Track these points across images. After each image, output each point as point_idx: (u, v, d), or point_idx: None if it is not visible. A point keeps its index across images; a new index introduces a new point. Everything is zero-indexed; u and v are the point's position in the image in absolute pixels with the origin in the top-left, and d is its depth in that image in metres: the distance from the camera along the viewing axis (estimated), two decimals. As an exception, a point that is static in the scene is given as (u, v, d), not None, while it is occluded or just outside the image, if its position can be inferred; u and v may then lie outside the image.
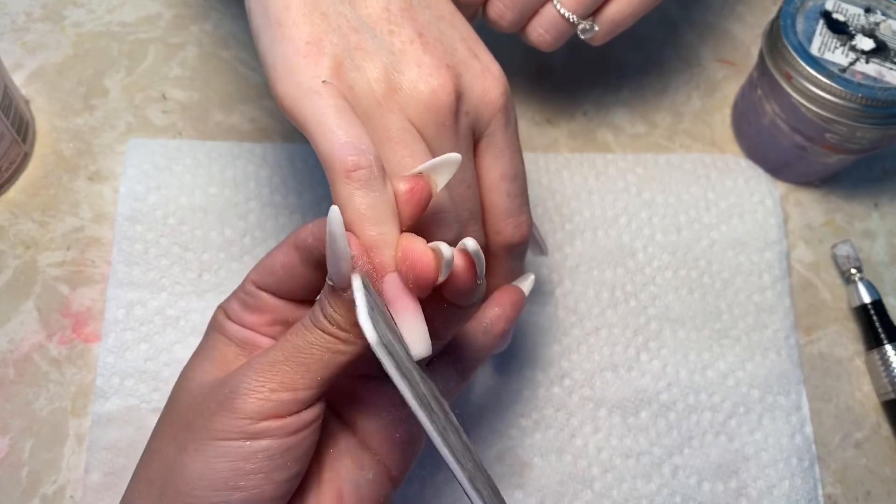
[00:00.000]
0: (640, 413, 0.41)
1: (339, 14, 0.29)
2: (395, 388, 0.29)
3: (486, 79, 0.31)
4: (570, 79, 0.50)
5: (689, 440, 0.41)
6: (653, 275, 0.44)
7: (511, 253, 0.34)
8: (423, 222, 0.28)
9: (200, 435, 0.26)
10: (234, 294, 0.30)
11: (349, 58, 0.28)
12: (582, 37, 0.39)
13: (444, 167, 0.27)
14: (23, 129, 0.43)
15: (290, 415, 0.26)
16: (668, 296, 0.44)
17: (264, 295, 0.29)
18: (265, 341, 0.29)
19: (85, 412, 0.39)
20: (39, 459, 0.38)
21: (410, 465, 0.30)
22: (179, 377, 0.29)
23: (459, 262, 0.26)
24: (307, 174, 0.45)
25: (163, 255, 0.41)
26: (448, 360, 0.32)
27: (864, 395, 0.43)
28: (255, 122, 0.47)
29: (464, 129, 0.30)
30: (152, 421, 0.38)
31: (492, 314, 0.32)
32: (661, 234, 0.45)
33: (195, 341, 0.40)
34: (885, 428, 0.43)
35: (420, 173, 0.27)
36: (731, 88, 0.51)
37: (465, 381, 0.32)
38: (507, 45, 0.42)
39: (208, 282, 0.41)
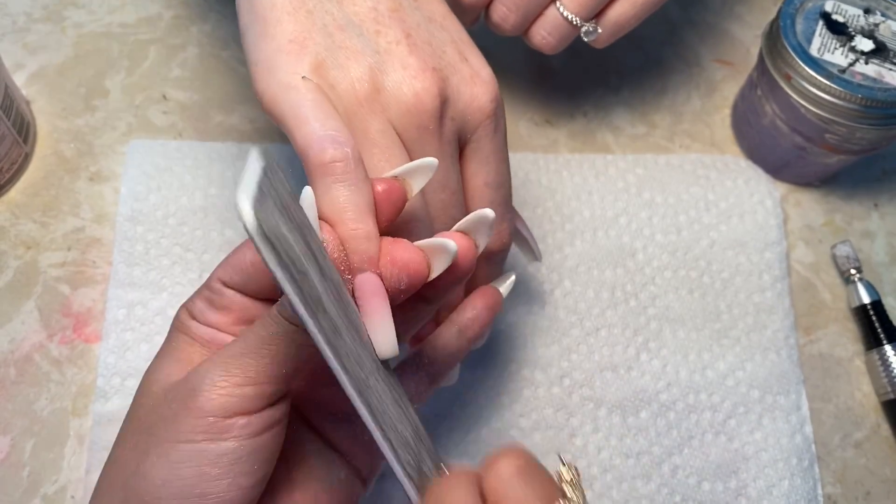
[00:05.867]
0: (639, 413, 0.41)
1: (326, 12, 0.29)
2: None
3: (475, 84, 0.30)
4: (569, 79, 0.50)
5: (689, 440, 0.41)
6: (653, 275, 0.44)
7: (490, 260, 0.33)
8: (393, 228, 0.28)
9: (163, 438, 0.25)
10: (199, 293, 0.29)
11: (332, 56, 0.28)
12: (585, 39, 0.39)
13: (421, 171, 0.27)
14: (24, 130, 0.43)
15: (255, 412, 0.25)
16: (668, 296, 0.44)
17: (230, 293, 0.28)
18: (229, 339, 0.28)
19: (86, 412, 0.39)
20: (40, 459, 0.38)
21: (380, 466, 0.30)
22: (142, 381, 0.28)
23: (460, 252, 0.26)
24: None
25: (164, 256, 0.41)
26: (420, 362, 0.31)
27: (864, 395, 0.43)
28: (255, 122, 0.47)
29: (448, 135, 0.30)
30: (153, 421, 0.38)
31: (466, 317, 0.32)
32: (660, 234, 0.45)
33: (196, 341, 0.40)
34: (885, 428, 0.43)
35: (395, 176, 0.27)
36: (730, 89, 0.51)
37: (436, 384, 0.32)
38: (507, 45, 0.42)
39: (209, 282, 0.41)
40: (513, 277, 0.35)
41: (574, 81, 0.50)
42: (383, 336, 0.25)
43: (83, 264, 0.42)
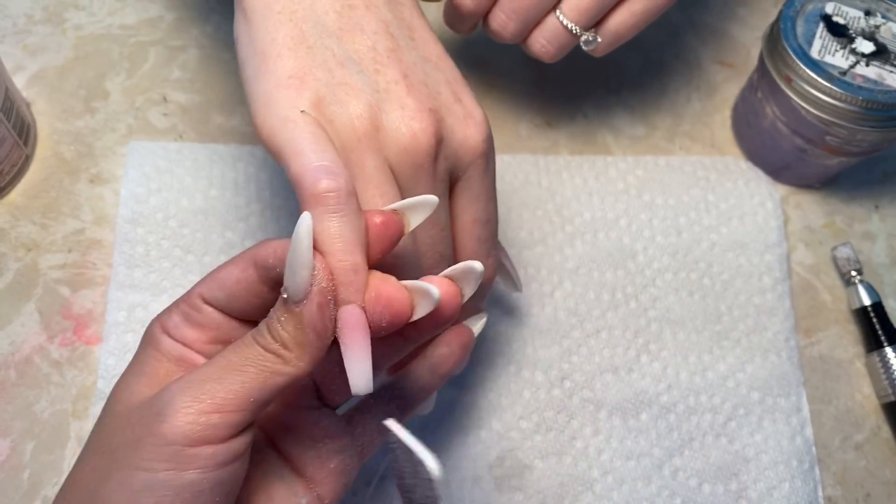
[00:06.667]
0: (640, 415, 0.41)
1: (326, 48, 0.29)
2: (331, 420, 0.29)
3: (468, 125, 0.30)
4: (570, 81, 0.50)
5: (690, 442, 0.41)
6: (653, 277, 0.44)
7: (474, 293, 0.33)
8: (381, 263, 0.28)
9: (124, 464, 0.24)
10: (175, 307, 0.28)
11: (332, 92, 0.28)
12: (585, 48, 0.39)
13: (420, 208, 0.27)
14: (24, 132, 0.43)
15: (220, 441, 0.24)
16: (669, 298, 0.44)
17: (210, 310, 0.28)
18: (199, 359, 0.28)
19: (86, 414, 0.39)
20: (41, 462, 0.38)
21: (344, 493, 0.30)
22: (108, 398, 0.27)
23: (445, 299, 0.26)
24: (308, 176, 0.45)
25: (164, 258, 0.41)
26: (390, 395, 0.31)
27: (865, 397, 0.43)
28: (255, 124, 0.47)
29: (441, 173, 0.30)
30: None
31: (439, 354, 0.32)
32: (661, 236, 0.45)
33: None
34: (885, 430, 0.43)
35: (395, 210, 0.27)
36: (731, 90, 0.51)
37: (406, 415, 0.32)
38: (507, 47, 0.42)
39: (209, 284, 0.41)
40: (485, 318, 0.35)
41: (574, 83, 0.50)
42: (359, 371, 0.25)
43: (83, 266, 0.42)
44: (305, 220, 0.23)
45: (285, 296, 0.24)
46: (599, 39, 0.39)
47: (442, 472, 0.25)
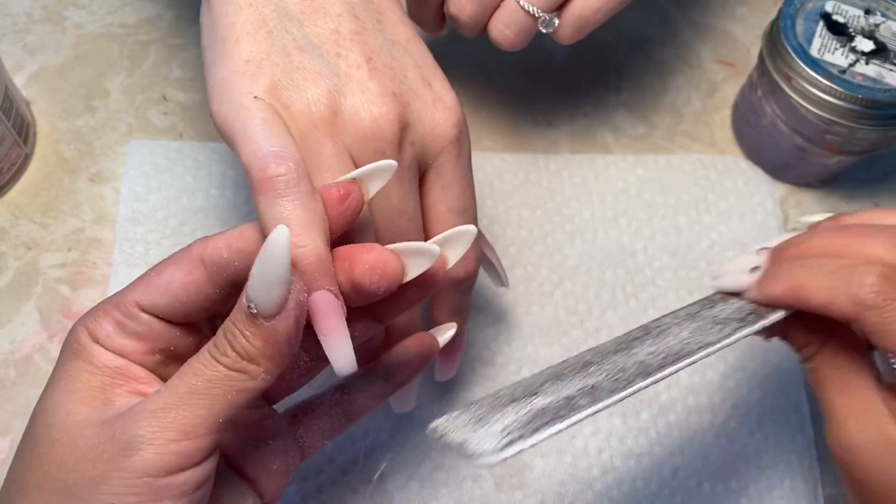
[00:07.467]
0: (640, 414, 0.41)
1: (286, 32, 0.28)
2: (273, 419, 0.29)
3: (437, 109, 0.29)
4: (570, 80, 0.50)
5: (690, 441, 0.41)
6: (653, 276, 0.44)
7: (457, 288, 0.33)
8: (341, 240, 0.27)
9: (88, 500, 0.23)
10: (104, 312, 0.26)
11: (288, 77, 0.27)
12: (543, 30, 0.37)
13: (378, 174, 0.26)
14: (24, 131, 0.43)
15: (194, 466, 0.23)
16: (669, 297, 0.44)
17: (149, 319, 0.26)
18: (140, 371, 0.26)
19: (86, 413, 0.39)
20: (40, 460, 0.38)
21: (282, 491, 0.30)
22: (35, 420, 0.25)
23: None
24: (308, 175, 0.45)
25: (164, 257, 0.41)
26: (338, 399, 0.31)
27: (864, 395, 0.43)
28: (255, 123, 0.47)
29: (407, 160, 0.29)
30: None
31: (397, 360, 0.31)
32: (661, 235, 0.45)
33: (196, 342, 0.40)
34: (885, 429, 0.43)
35: (352, 179, 0.26)
36: (731, 89, 0.51)
37: (351, 423, 0.31)
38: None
39: (209, 283, 0.41)
40: (452, 331, 0.33)
41: (574, 82, 0.50)
42: (341, 354, 0.24)
43: (83, 265, 0.42)
44: (282, 232, 0.22)
45: (254, 311, 0.23)
46: (557, 21, 0.36)
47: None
